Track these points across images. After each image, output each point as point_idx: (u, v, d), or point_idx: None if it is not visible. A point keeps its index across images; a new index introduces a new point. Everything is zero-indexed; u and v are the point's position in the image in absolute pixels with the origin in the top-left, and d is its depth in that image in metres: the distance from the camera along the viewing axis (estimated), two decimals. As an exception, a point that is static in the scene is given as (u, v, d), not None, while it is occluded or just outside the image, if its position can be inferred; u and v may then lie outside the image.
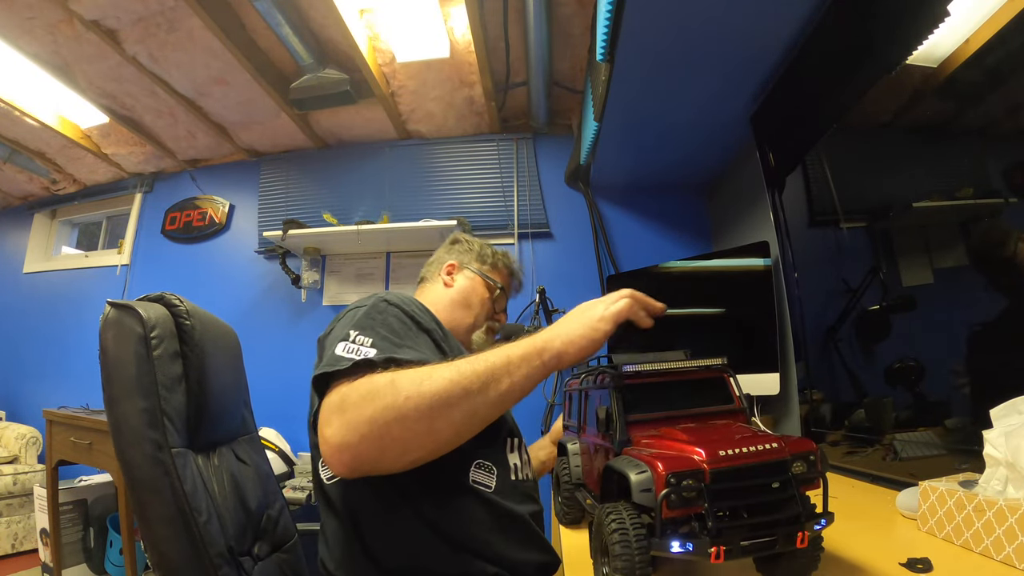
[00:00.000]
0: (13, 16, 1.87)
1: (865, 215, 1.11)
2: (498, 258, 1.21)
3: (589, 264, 2.38)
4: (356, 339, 0.69)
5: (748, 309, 1.59)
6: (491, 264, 1.20)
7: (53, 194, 3.28)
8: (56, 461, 2.08)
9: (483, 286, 1.16)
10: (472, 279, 1.16)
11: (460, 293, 1.14)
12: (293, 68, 2.18)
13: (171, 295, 0.80)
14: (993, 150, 0.79)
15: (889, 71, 0.95)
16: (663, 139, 1.86)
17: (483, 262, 1.19)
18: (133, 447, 0.65)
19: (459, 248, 1.22)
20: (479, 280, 1.16)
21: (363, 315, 0.76)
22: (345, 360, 0.65)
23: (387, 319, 0.77)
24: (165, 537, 0.64)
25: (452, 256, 1.20)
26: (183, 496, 0.65)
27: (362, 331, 0.71)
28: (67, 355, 2.89)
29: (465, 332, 1.11)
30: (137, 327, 0.70)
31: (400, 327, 0.77)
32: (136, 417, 0.67)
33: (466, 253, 1.20)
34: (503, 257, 1.23)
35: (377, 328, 0.73)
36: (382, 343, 0.70)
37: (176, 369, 0.76)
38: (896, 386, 1.00)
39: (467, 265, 1.18)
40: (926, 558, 0.54)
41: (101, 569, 2.21)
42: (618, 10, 1.19)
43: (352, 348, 0.68)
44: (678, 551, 0.44)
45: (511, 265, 1.24)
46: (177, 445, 0.71)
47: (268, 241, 2.56)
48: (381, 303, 0.81)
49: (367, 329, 0.72)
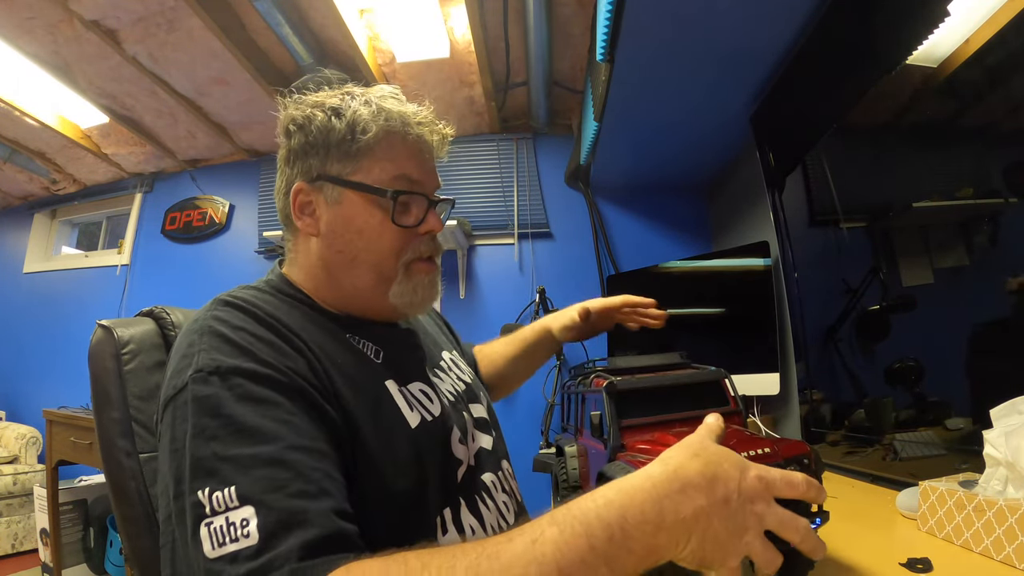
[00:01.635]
0: (13, 16, 1.87)
1: (865, 215, 1.11)
2: (365, 118, 0.61)
3: (589, 264, 2.38)
4: (215, 503, 0.41)
5: (748, 309, 1.59)
6: (364, 143, 0.61)
7: (53, 194, 3.28)
8: (56, 461, 2.09)
9: (368, 204, 0.62)
10: (341, 200, 0.62)
11: (333, 241, 0.62)
12: (293, 68, 2.18)
13: (162, 308, 0.85)
14: (993, 150, 0.79)
15: (889, 71, 0.95)
16: (663, 139, 1.86)
17: (346, 154, 0.61)
18: (108, 454, 0.72)
19: (297, 144, 0.63)
20: (356, 199, 0.62)
21: (192, 438, 0.45)
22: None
23: (232, 418, 0.45)
24: (133, 535, 0.70)
25: (297, 170, 0.64)
26: (147, 499, 0.71)
27: (211, 478, 0.42)
28: (67, 355, 2.89)
29: (372, 300, 0.64)
30: (109, 345, 0.77)
31: (264, 418, 0.45)
32: (110, 427, 0.73)
33: (316, 149, 0.62)
34: (373, 107, 0.62)
35: (231, 454, 0.43)
36: (260, 489, 0.41)
37: (158, 379, 0.80)
38: (896, 386, 1.00)
39: (322, 178, 0.62)
40: (926, 558, 0.54)
41: (101, 569, 2.21)
42: (618, 10, 1.19)
43: (221, 532, 0.40)
44: None
45: (397, 114, 0.63)
46: (153, 450, 0.75)
47: (268, 241, 2.57)
48: (202, 385, 0.47)
49: (216, 470, 0.42)
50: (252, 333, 0.52)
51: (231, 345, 0.50)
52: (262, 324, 0.53)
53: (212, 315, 0.53)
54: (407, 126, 0.63)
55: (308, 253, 0.65)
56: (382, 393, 0.58)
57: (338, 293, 0.64)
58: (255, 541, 0.39)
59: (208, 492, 0.41)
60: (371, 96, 0.64)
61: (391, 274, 0.63)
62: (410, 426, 0.58)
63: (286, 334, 0.54)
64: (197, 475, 0.43)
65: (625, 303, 0.91)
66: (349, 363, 0.57)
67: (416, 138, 0.64)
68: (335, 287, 0.64)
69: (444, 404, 0.65)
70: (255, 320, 0.53)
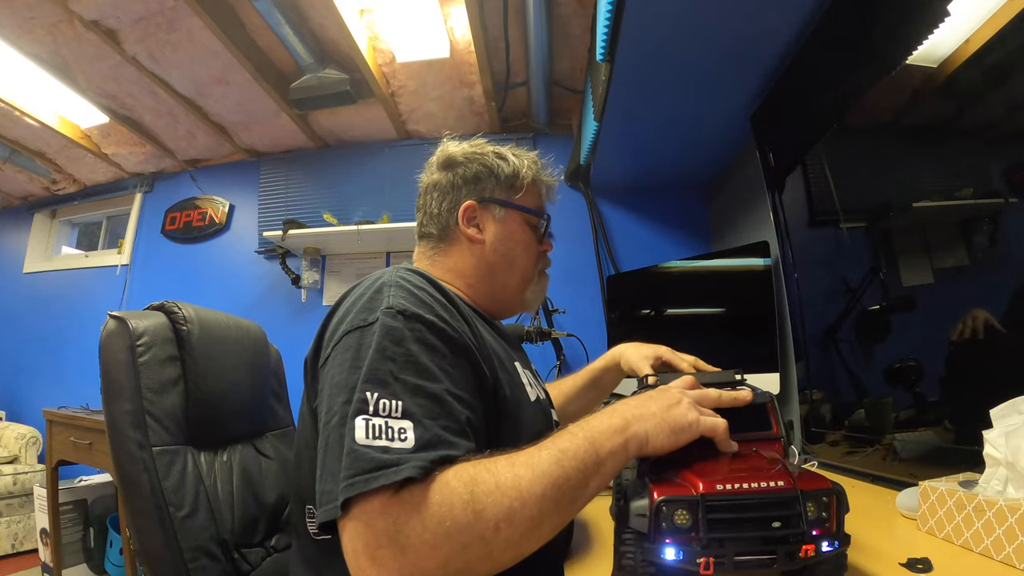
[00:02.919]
0: (13, 16, 1.87)
1: (865, 215, 1.11)
2: (525, 167, 0.83)
3: (589, 264, 2.38)
4: (380, 407, 0.49)
5: (748, 309, 1.59)
6: (522, 182, 0.82)
7: (53, 194, 3.28)
8: (56, 461, 2.08)
9: (523, 225, 0.82)
10: (506, 219, 0.80)
11: (497, 248, 0.79)
12: (293, 68, 2.18)
13: (172, 303, 0.86)
14: (993, 150, 0.79)
15: (889, 71, 0.95)
16: (663, 139, 1.86)
17: (511, 185, 0.81)
18: (118, 445, 0.72)
19: (468, 174, 0.81)
20: (517, 217, 0.81)
21: (375, 352, 0.53)
22: (379, 467, 0.45)
23: (411, 352, 0.54)
24: (142, 528, 0.70)
25: (466, 192, 0.80)
26: (160, 492, 0.71)
27: (383, 388, 0.50)
28: (67, 355, 2.89)
29: (513, 297, 0.83)
30: (124, 337, 0.77)
31: (432, 362, 0.54)
32: (122, 418, 0.73)
33: (485, 179, 0.81)
34: (528, 161, 0.85)
35: (403, 377, 0.51)
36: (421, 413, 0.50)
37: (170, 372, 0.81)
38: (896, 386, 1.00)
39: (492, 200, 0.80)
40: (926, 558, 0.54)
41: (101, 569, 2.21)
42: (618, 10, 1.19)
43: (378, 429, 0.48)
44: (671, 560, 0.44)
45: (540, 167, 0.87)
46: (166, 443, 0.77)
47: (268, 241, 2.56)
48: (391, 319, 0.56)
49: (389, 383, 0.51)
50: (431, 294, 0.62)
51: (415, 298, 0.59)
52: (438, 290, 0.64)
53: (399, 275, 0.63)
54: (544, 174, 0.87)
55: (465, 256, 0.80)
56: (513, 368, 0.71)
57: (487, 290, 0.81)
58: (409, 446, 0.47)
59: (376, 396, 0.49)
60: (519, 152, 0.86)
61: (531, 276, 0.84)
62: (530, 399, 0.71)
63: (456, 302, 0.65)
64: (370, 380, 0.51)
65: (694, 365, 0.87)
66: (493, 339, 0.71)
67: (546, 184, 0.87)
68: (489, 284, 0.81)
69: (541, 395, 0.78)
70: (432, 286, 0.64)
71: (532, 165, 0.84)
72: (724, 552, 0.43)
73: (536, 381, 0.80)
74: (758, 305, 1.53)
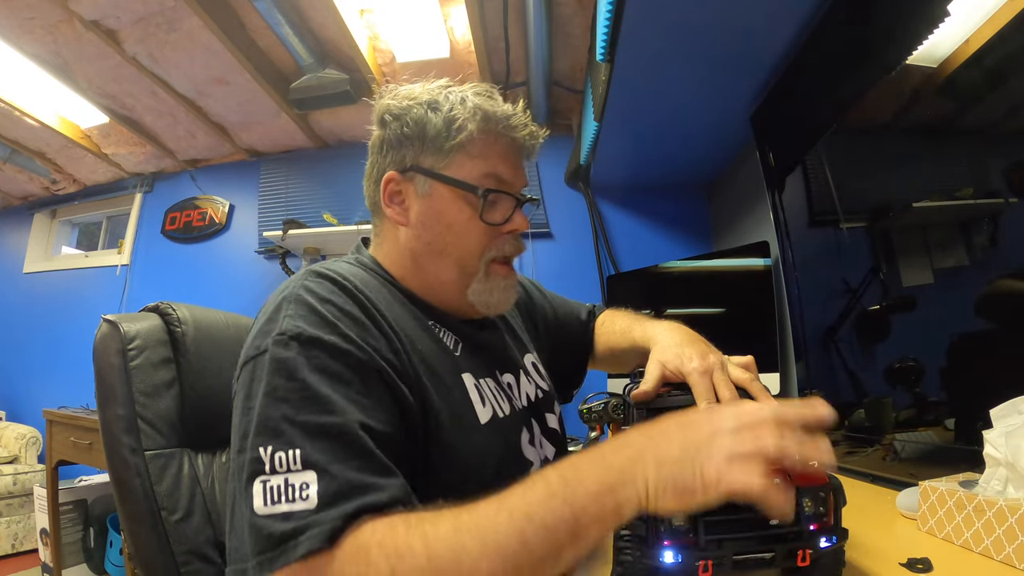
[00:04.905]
0: (13, 16, 1.87)
1: (865, 215, 1.11)
2: (462, 116, 0.61)
3: (589, 264, 2.38)
4: (276, 463, 0.42)
5: (748, 309, 1.59)
6: (459, 144, 0.61)
7: (53, 194, 3.28)
8: (56, 461, 2.09)
9: (456, 202, 0.62)
10: (431, 194, 0.63)
11: (421, 233, 0.63)
12: (293, 68, 2.18)
13: (167, 304, 0.84)
14: (993, 150, 0.79)
15: (889, 71, 0.95)
16: (663, 139, 1.86)
17: (440, 148, 0.62)
18: (112, 450, 0.72)
19: (392, 135, 0.64)
20: (446, 193, 0.62)
21: (264, 396, 0.45)
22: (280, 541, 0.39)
23: (307, 385, 0.45)
24: (136, 532, 0.70)
25: (389, 160, 0.65)
26: (153, 497, 0.71)
27: (275, 438, 0.43)
28: (67, 355, 2.89)
29: (453, 295, 0.65)
30: (116, 341, 0.76)
31: (335, 392, 0.46)
32: (114, 423, 0.73)
33: (409, 141, 0.63)
34: (470, 107, 0.62)
35: (300, 419, 0.43)
36: (325, 460, 0.42)
37: (164, 375, 0.80)
38: (896, 386, 1.00)
39: (415, 169, 0.63)
40: (926, 558, 0.54)
41: (101, 569, 2.21)
42: (618, 10, 1.19)
43: (277, 492, 0.41)
44: (670, 563, 0.44)
45: (498, 117, 0.63)
46: (160, 447, 0.76)
47: (268, 241, 2.57)
48: (282, 348, 0.47)
49: (282, 431, 0.43)
50: (339, 307, 0.52)
51: (316, 316, 0.50)
52: (351, 299, 0.53)
53: (303, 284, 0.53)
54: (501, 125, 0.63)
55: (395, 241, 0.65)
56: (457, 384, 0.60)
57: (422, 282, 0.65)
58: (312, 505, 0.40)
59: (271, 451, 0.42)
60: (467, 94, 0.64)
61: (473, 271, 0.63)
62: (479, 421, 0.59)
63: (373, 312, 0.54)
64: (262, 432, 0.43)
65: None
66: (429, 350, 0.59)
67: (509, 138, 0.65)
68: (420, 276, 0.65)
69: (517, 405, 0.66)
70: (344, 294, 0.54)
71: (475, 111, 0.61)
72: (722, 553, 0.43)
73: (506, 392, 0.66)
74: (758, 305, 1.53)
